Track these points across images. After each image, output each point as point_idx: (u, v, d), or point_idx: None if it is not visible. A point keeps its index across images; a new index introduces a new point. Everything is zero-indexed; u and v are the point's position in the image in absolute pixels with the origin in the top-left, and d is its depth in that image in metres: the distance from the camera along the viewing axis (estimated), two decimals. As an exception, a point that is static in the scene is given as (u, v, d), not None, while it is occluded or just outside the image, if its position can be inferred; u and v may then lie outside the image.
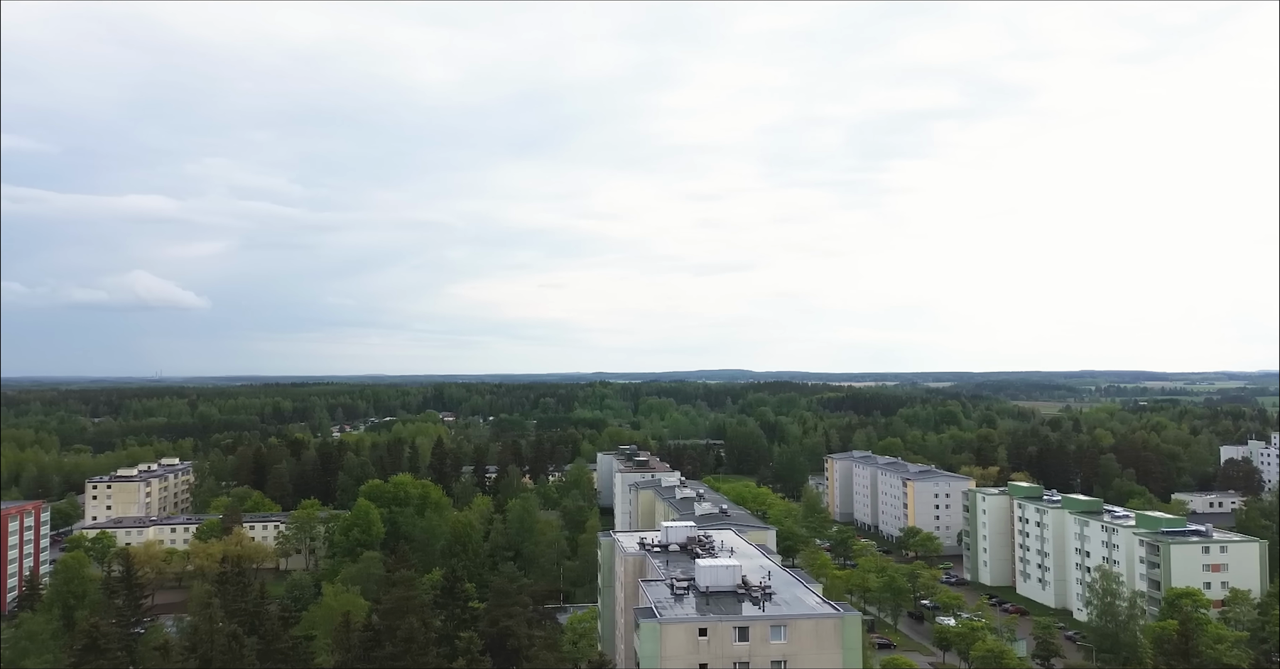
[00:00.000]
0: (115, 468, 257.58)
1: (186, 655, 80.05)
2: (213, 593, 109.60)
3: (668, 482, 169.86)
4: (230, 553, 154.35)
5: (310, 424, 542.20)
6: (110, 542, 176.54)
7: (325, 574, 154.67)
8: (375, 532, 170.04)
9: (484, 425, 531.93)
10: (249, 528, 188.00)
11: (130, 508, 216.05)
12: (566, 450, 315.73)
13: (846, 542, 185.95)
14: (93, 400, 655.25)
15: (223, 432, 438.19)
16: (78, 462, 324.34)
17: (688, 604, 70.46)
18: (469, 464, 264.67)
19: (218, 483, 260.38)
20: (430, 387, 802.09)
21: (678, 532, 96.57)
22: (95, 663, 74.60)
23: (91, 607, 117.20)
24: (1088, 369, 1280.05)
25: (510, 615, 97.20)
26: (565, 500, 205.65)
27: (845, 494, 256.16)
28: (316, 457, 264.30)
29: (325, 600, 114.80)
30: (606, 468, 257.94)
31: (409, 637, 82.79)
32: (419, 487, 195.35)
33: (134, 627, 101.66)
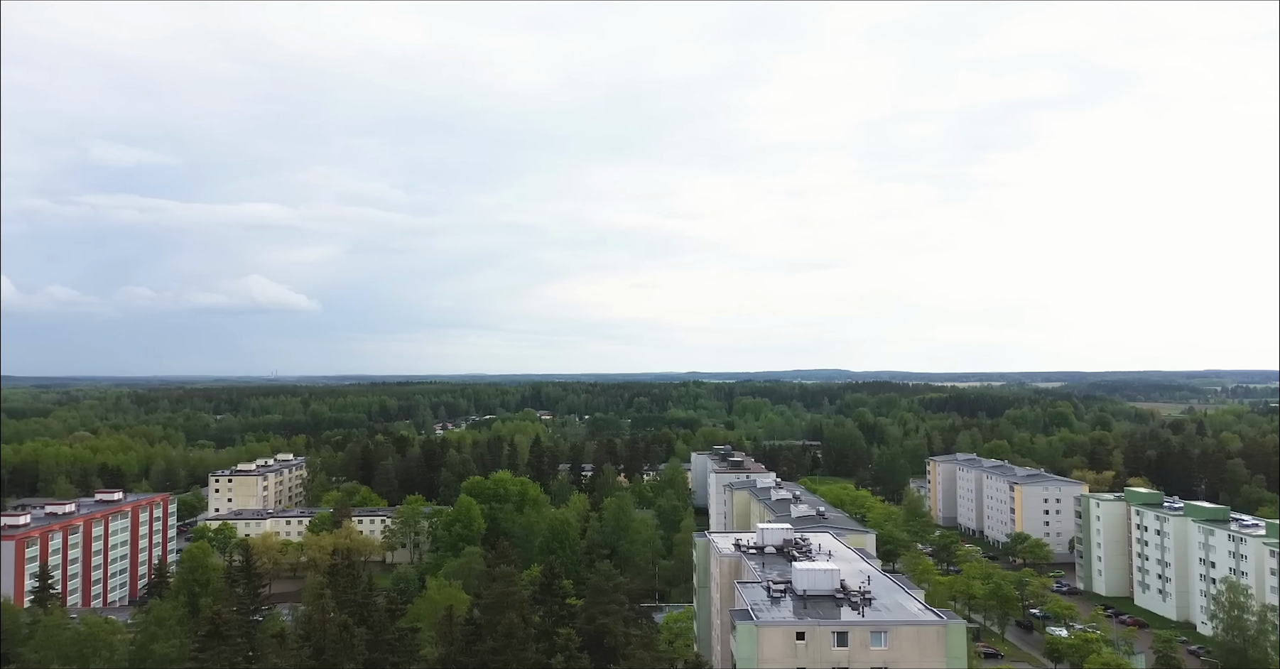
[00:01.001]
0: (235, 463, 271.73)
1: (301, 644, 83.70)
2: (324, 584, 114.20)
3: (763, 483, 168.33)
4: (340, 545, 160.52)
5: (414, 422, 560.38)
6: (231, 533, 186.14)
7: (429, 568, 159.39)
8: (476, 527, 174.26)
9: (580, 424, 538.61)
10: (358, 522, 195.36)
11: (249, 501, 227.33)
12: (660, 450, 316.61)
13: (950, 547, 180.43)
14: (215, 398, 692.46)
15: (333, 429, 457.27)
16: (201, 456, 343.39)
17: (784, 607, 69.68)
18: (565, 462, 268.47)
19: (328, 478, 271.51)
20: (528, 386, 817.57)
21: (774, 534, 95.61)
22: (218, 649, 78.79)
23: (214, 594, 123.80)
24: (1213, 368, 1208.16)
25: (607, 613, 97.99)
26: (660, 500, 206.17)
27: (948, 498, 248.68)
28: (420, 454, 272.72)
29: (429, 594, 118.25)
30: (701, 468, 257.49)
31: (509, 632, 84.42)
32: (518, 484, 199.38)
33: (253, 614, 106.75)
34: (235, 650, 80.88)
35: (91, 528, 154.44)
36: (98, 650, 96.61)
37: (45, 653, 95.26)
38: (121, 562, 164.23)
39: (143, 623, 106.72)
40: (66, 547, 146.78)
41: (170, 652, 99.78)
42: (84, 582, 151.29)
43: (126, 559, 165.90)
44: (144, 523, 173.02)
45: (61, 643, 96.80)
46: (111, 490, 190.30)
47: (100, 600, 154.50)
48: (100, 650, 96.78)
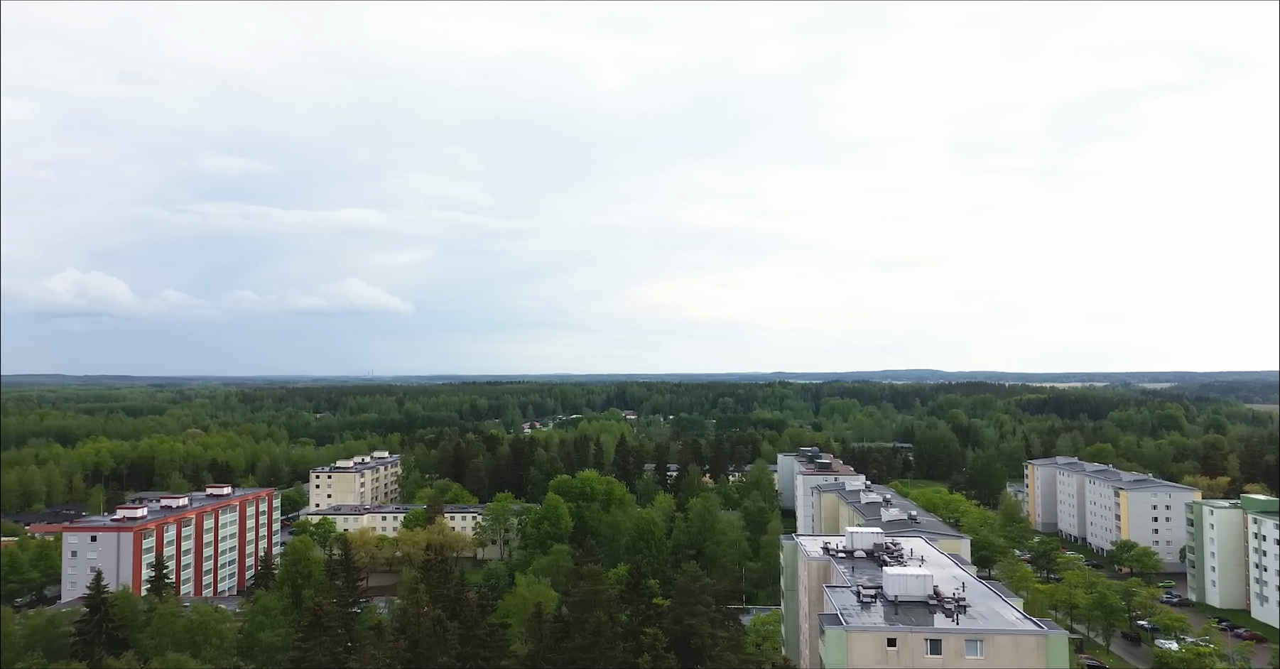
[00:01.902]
0: (334, 460, 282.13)
1: (397, 637, 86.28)
2: (419, 579, 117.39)
3: (852, 485, 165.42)
4: (433, 541, 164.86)
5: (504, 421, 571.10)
6: (331, 527, 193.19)
7: (518, 565, 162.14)
8: (564, 525, 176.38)
9: (664, 424, 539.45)
10: (450, 518, 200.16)
11: (347, 496, 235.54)
12: (746, 451, 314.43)
13: (1050, 554, 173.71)
14: (315, 398, 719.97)
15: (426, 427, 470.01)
16: (303, 453, 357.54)
17: (875, 613, 68.28)
18: (650, 462, 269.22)
19: (422, 475, 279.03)
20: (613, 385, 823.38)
21: (863, 537, 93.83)
22: (320, 639, 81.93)
23: (316, 587, 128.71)
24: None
25: (694, 614, 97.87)
26: (746, 501, 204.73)
27: (1048, 503, 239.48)
28: (509, 452, 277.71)
29: (518, 590, 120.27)
30: (788, 469, 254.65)
31: (597, 630, 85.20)
32: (604, 483, 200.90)
33: (351, 607, 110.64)
34: (336, 641, 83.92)
35: (203, 521, 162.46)
36: (209, 638, 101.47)
37: (160, 639, 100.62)
38: (230, 553, 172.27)
39: (250, 612, 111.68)
40: (180, 538, 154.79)
41: (276, 641, 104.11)
42: (196, 572, 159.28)
43: (235, 551, 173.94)
44: (251, 517, 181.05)
45: (175, 630, 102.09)
46: (221, 485, 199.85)
47: (211, 590, 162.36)
48: (211, 638, 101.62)
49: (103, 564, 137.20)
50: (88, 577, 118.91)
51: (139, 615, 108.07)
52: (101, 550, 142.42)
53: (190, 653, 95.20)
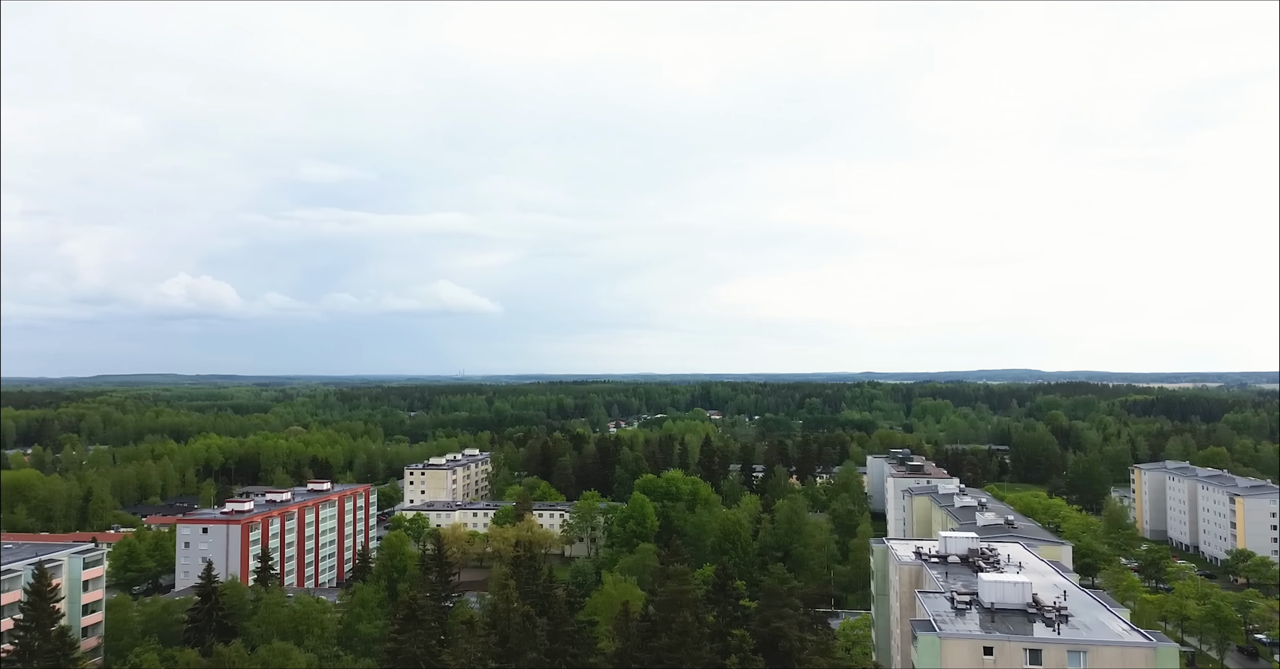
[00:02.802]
0: (427, 457, 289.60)
1: (488, 631, 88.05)
2: (509, 574, 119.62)
3: (945, 488, 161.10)
4: (523, 538, 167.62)
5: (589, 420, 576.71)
6: (424, 523, 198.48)
7: (604, 563, 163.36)
8: (649, 524, 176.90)
9: (750, 424, 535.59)
10: (538, 515, 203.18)
11: (440, 493, 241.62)
12: (834, 452, 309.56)
13: (1158, 562, 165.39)
14: (409, 396, 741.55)
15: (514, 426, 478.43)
16: (398, 450, 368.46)
17: (970, 620, 66.34)
18: (736, 462, 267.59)
19: (511, 473, 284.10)
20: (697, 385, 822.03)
21: (957, 542, 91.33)
22: (414, 632, 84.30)
23: (411, 580, 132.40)
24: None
25: (781, 617, 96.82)
26: (834, 503, 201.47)
27: (1156, 509, 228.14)
28: (595, 451, 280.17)
29: (605, 588, 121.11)
30: (877, 472, 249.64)
31: (683, 630, 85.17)
32: (689, 483, 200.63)
33: (444, 601, 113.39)
34: (430, 634, 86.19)
35: (305, 515, 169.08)
36: (310, 628, 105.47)
37: (266, 627, 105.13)
38: (329, 546, 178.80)
39: (349, 604, 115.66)
40: (284, 531, 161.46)
41: (373, 632, 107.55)
42: (298, 564, 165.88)
43: (334, 544, 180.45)
44: (349, 511, 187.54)
45: (280, 619, 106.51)
46: (321, 481, 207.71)
47: (312, 582, 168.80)
48: (313, 628, 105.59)
49: (213, 555, 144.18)
50: (199, 566, 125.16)
51: (246, 605, 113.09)
52: (212, 542, 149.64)
53: (294, 642, 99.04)
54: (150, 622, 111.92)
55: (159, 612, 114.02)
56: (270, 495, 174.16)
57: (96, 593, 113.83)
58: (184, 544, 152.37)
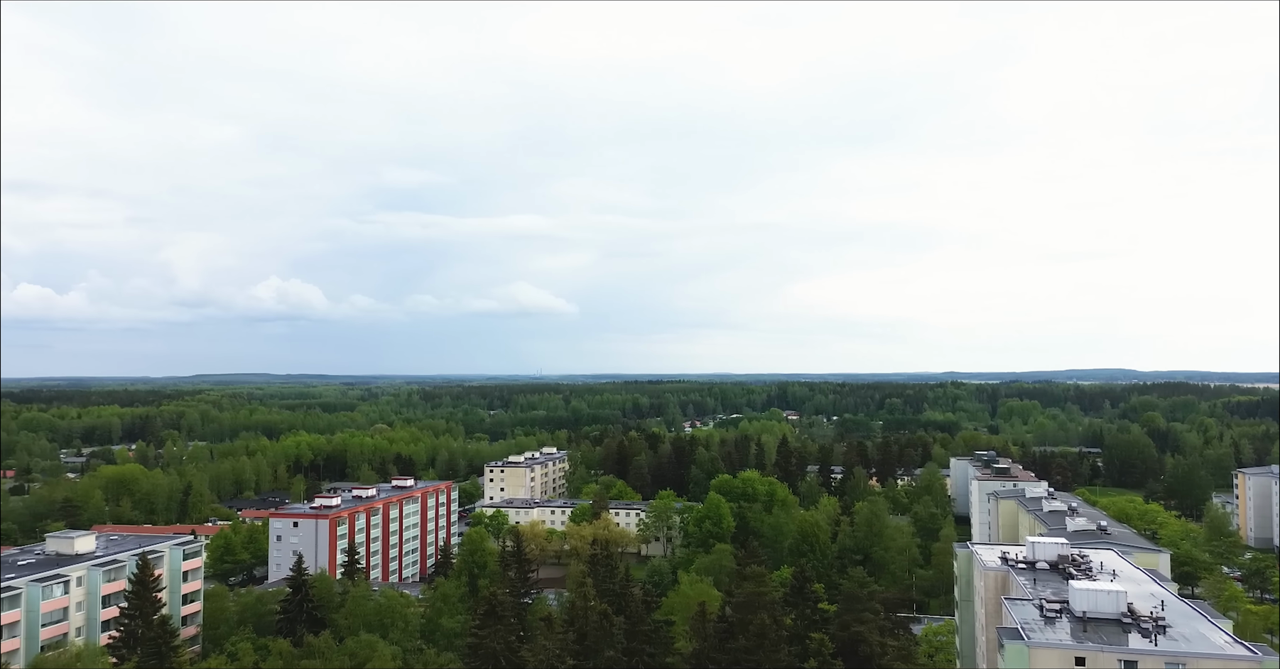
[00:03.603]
0: (506, 455, 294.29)
1: (566, 628, 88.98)
2: (586, 572, 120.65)
3: (1033, 492, 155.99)
4: (599, 536, 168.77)
5: (665, 419, 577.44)
6: (503, 519, 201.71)
7: (680, 562, 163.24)
8: (725, 525, 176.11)
9: (828, 425, 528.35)
10: (614, 514, 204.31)
11: (519, 490, 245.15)
12: (916, 454, 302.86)
13: (1264, 572, 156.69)
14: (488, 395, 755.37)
15: (591, 425, 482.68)
16: (478, 448, 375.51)
17: (1060, 629, 64.04)
18: (813, 464, 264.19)
19: (587, 471, 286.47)
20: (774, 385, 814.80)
21: (1046, 548, 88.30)
22: (494, 627, 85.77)
23: (491, 577, 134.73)
24: None
25: (862, 621, 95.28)
26: (916, 506, 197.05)
27: (1262, 516, 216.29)
28: (671, 450, 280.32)
29: (681, 588, 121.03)
30: (961, 474, 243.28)
31: (761, 632, 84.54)
32: (766, 483, 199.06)
33: (523, 597, 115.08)
34: (509, 630, 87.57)
35: (389, 510, 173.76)
36: (394, 621, 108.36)
37: (353, 620, 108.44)
38: (412, 542, 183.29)
39: (431, 599, 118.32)
40: (369, 526, 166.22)
41: (455, 626, 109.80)
42: (383, 558, 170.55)
43: (416, 540, 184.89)
44: (431, 508, 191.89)
45: (366, 612, 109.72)
46: (405, 477, 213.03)
47: (396, 576, 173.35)
48: (397, 621, 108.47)
49: (303, 548, 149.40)
50: (290, 559, 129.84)
51: (334, 597, 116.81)
52: (302, 535, 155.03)
53: (379, 634, 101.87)
54: (245, 612, 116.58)
55: (253, 602, 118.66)
56: (356, 491, 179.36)
57: (195, 583, 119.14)
58: (276, 538, 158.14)
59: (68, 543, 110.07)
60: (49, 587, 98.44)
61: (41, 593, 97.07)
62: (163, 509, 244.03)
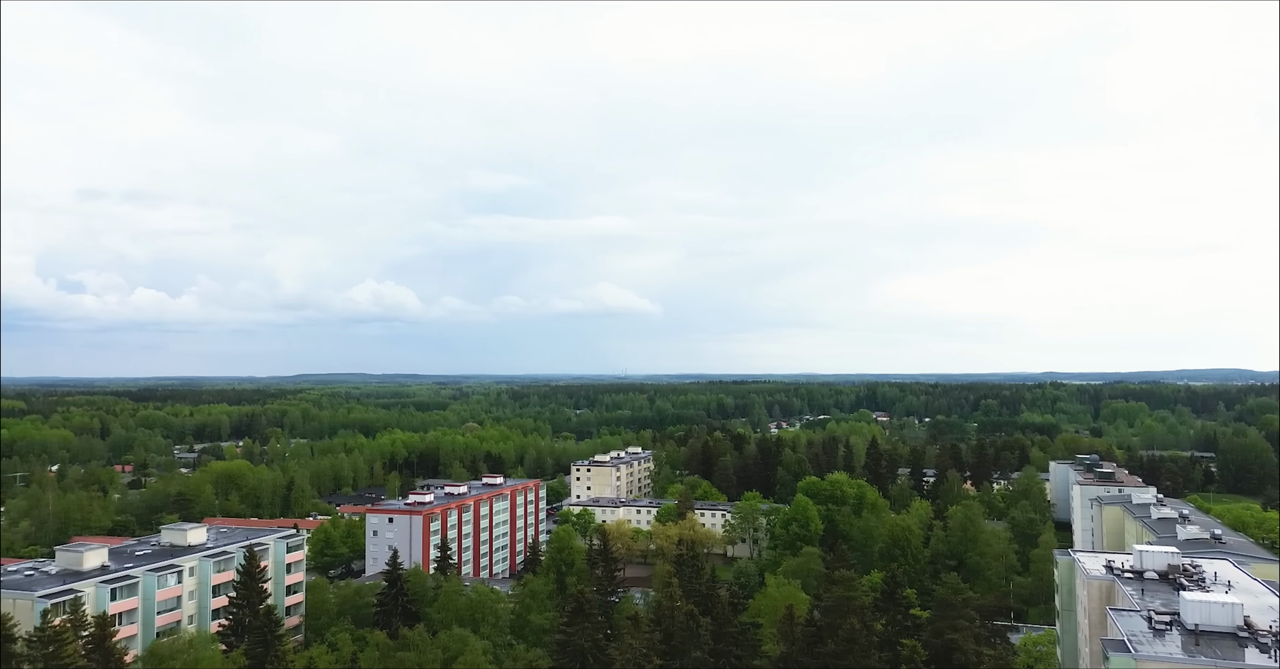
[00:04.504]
0: (592, 454, 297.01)
1: (653, 628, 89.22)
2: (672, 572, 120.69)
3: (1140, 498, 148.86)
4: (685, 536, 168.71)
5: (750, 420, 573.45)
6: (590, 518, 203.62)
7: (767, 564, 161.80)
8: (813, 528, 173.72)
9: (919, 427, 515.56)
10: (699, 514, 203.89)
11: (605, 489, 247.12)
12: (1013, 457, 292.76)
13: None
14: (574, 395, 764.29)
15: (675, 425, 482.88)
16: (564, 447, 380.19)
17: (1170, 642, 60.92)
18: (904, 466, 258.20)
19: (672, 471, 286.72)
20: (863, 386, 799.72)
21: (1155, 557, 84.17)
22: (582, 625, 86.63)
23: (578, 575, 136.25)
24: None
25: (956, 628, 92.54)
26: (1014, 511, 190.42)
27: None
28: (756, 451, 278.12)
29: (768, 591, 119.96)
30: (1061, 479, 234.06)
31: (851, 637, 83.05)
32: (855, 486, 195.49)
33: (610, 596, 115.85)
34: (597, 628, 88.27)
35: (480, 507, 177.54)
36: (485, 616, 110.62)
37: (445, 614, 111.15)
38: (502, 539, 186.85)
39: (521, 595, 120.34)
40: (461, 523, 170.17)
41: (544, 623, 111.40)
42: (474, 554, 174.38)
43: (506, 536, 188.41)
44: (520, 505, 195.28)
45: (458, 607, 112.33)
46: (495, 475, 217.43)
47: (486, 572, 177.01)
48: (487, 616, 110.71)
49: (398, 543, 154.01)
50: (386, 554, 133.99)
51: (428, 592, 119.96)
52: (397, 531, 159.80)
53: (470, 629, 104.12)
54: (344, 604, 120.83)
55: (351, 595, 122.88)
56: (448, 488, 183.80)
57: (298, 575, 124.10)
58: (373, 532, 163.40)
59: (181, 535, 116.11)
60: (164, 576, 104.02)
61: (157, 582, 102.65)
62: (267, 503, 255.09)
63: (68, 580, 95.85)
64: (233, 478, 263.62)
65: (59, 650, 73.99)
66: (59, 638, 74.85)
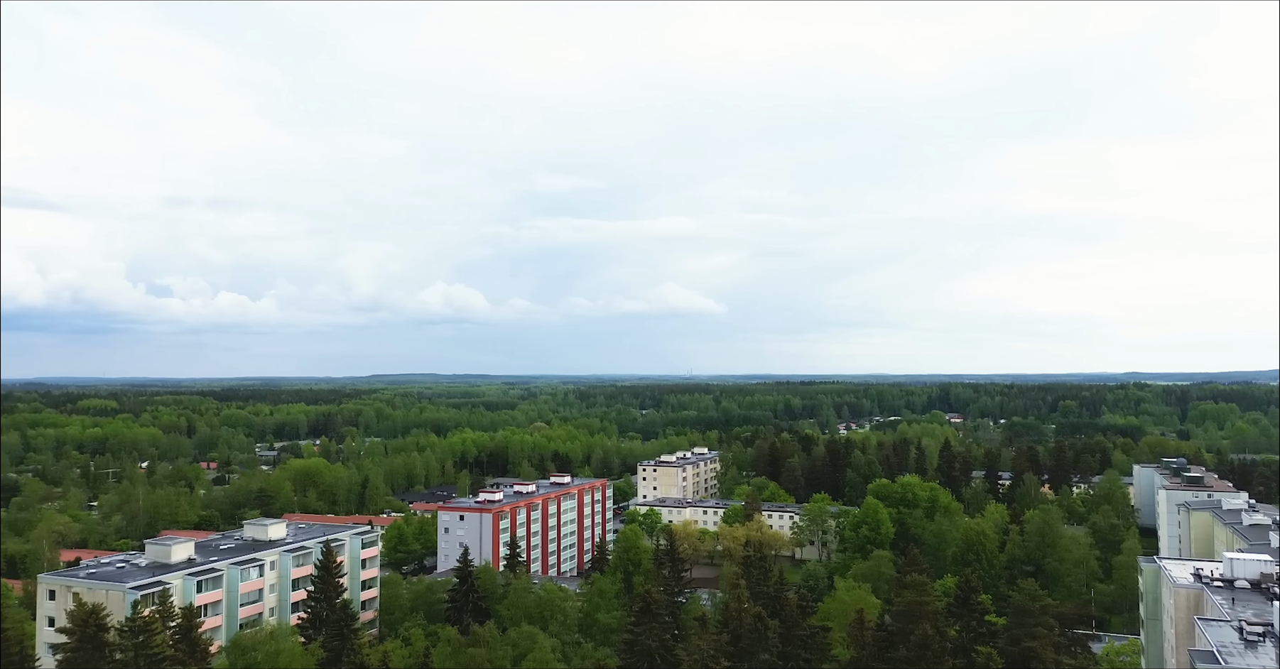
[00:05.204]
0: (658, 454, 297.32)
1: (720, 629, 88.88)
2: (739, 574, 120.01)
3: (1231, 504, 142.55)
4: (752, 538, 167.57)
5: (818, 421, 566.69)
6: (656, 518, 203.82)
7: (836, 567, 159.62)
8: (884, 531, 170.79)
9: (995, 428, 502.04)
10: (767, 516, 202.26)
11: (671, 489, 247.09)
12: (1094, 460, 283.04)
13: None
14: (640, 395, 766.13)
15: (742, 425, 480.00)
16: (630, 447, 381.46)
17: (1264, 654, 58.17)
18: (979, 469, 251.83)
19: (739, 472, 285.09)
20: (935, 386, 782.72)
21: (1246, 565, 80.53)
22: (649, 625, 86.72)
23: (645, 574, 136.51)
24: None
25: (1034, 636, 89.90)
26: (1095, 516, 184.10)
27: None
28: (825, 453, 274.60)
29: (838, 594, 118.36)
30: (1146, 483, 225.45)
31: (923, 643, 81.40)
32: (927, 489, 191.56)
33: (677, 596, 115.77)
34: (664, 628, 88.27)
35: (548, 506, 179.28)
36: (553, 614, 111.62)
37: (515, 611, 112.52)
38: (570, 537, 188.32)
39: (588, 593, 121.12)
40: (529, 521, 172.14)
41: (611, 622, 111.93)
42: (542, 553, 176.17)
43: (574, 535, 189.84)
44: (587, 504, 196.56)
45: (527, 604, 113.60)
46: (562, 474, 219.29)
47: (554, 571, 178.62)
48: (556, 614, 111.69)
49: (468, 540, 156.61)
50: (457, 551, 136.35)
51: (497, 589, 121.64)
52: (467, 528, 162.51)
53: (539, 626, 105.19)
54: (417, 599, 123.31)
55: (424, 590, 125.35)
56: (517, 487, 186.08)
57: (373, 571, 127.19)
58: (444, 530, 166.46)
59: (262, 529, 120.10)
60: (247, 569, 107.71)
61: (240, 575, 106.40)
62: (343, 500, 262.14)
63: (157, 573, 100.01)
64: (310, 475, 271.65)
65: (148, 640, 77.24)
66: (148, 628, 78.12)
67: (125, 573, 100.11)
